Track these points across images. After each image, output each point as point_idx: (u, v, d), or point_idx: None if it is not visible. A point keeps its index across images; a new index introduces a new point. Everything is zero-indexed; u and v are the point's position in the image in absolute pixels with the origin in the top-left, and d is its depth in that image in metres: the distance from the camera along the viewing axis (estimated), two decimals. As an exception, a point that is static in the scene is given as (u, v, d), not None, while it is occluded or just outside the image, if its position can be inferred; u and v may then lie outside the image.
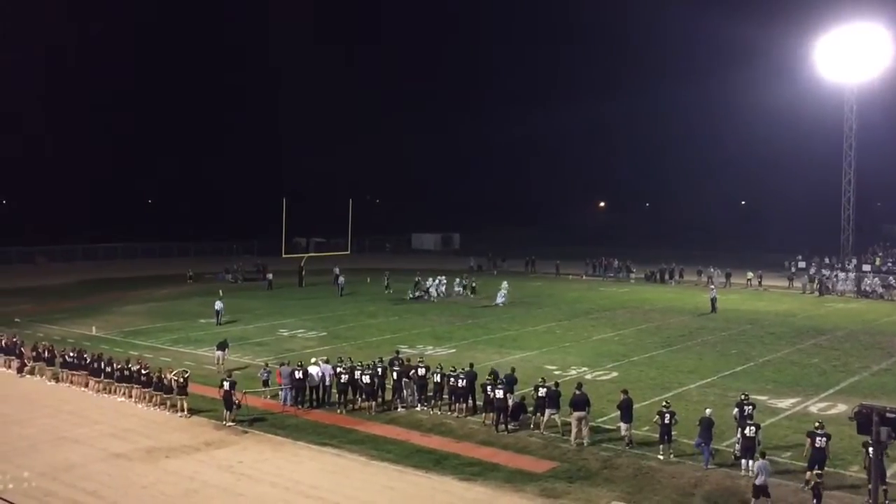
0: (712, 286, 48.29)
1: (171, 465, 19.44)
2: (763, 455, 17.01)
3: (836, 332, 37.99)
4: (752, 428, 18.50)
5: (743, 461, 18.42)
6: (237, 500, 17.42)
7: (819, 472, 16.54)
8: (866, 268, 60.62)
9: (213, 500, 17.41)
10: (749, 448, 18.22)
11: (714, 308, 43.92)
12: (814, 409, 23.95)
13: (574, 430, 20.64)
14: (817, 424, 18.08)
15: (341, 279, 52.79)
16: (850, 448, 19.43)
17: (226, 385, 22.77)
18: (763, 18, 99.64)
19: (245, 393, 23.49)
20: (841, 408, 23.74)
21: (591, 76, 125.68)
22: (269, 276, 55.85)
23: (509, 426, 21.64)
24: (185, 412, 23.36)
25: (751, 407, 20.30)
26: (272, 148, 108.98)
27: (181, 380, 23.68)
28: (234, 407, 22.56)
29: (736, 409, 20.46)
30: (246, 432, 21.92)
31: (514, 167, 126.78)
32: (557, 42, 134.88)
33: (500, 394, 21.76)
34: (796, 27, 70.15)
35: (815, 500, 15.98)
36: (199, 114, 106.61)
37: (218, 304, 40.70)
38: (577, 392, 21.08)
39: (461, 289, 51.42)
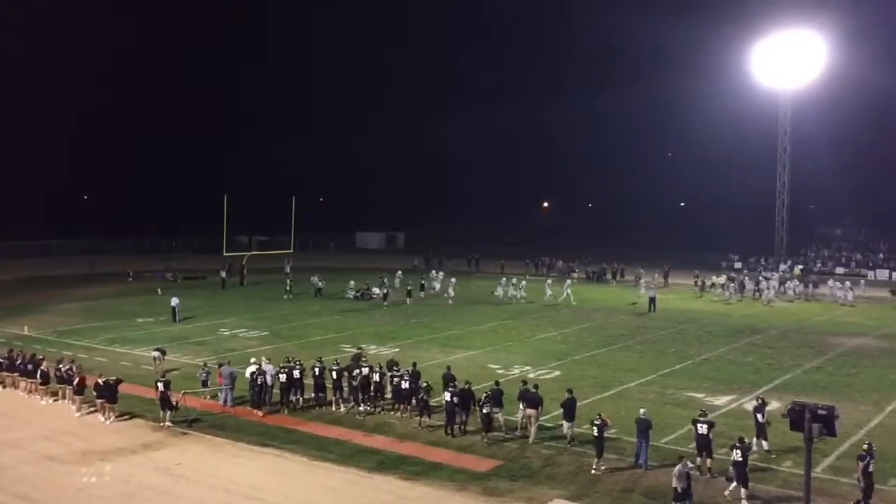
0: (652, 286, 48.83)
1: (107, 468, 18.98)
2: (681, 458, 16.95)
3: (770, 330, 39.00)
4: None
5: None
6: (175, 502, 17.09)
7: (701, 457, 17.06)
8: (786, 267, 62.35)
9: (150, 503, 17.05)
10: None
11: (653, 308, 44.67)
12: (748, 406, 24.45)
13: (527, 427, 21.08)
14: (700, 412, 19.34)
15: (314, 278, 51.31)
16: (784, 444, 19.99)
17: (160, 386, 22.30)
18: (703, 24, 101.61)
19: (184, 393, 23.07)
20: (775, 405, 24.33)
21: (533, 79, 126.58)
22: (223, 273, 54.80)
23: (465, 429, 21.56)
24: (112, 418, 22.65)
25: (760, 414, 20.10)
26: (213, 144, 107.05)
27: (110, 381, 22.95)
28: (173, 408, 22.13)
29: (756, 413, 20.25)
30: (185, 434, 21.53)
31: (461, 167, 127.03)
32: (501, 44, 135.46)
33: (448, 397, 21.74)
34: (735, 33, 71.79)
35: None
36: (136, 109, 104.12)
37: (174, 301, 40.08)
38: (532, 390, 21.51)
39: (377, 289, 48.10)
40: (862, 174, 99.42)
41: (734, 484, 17.06)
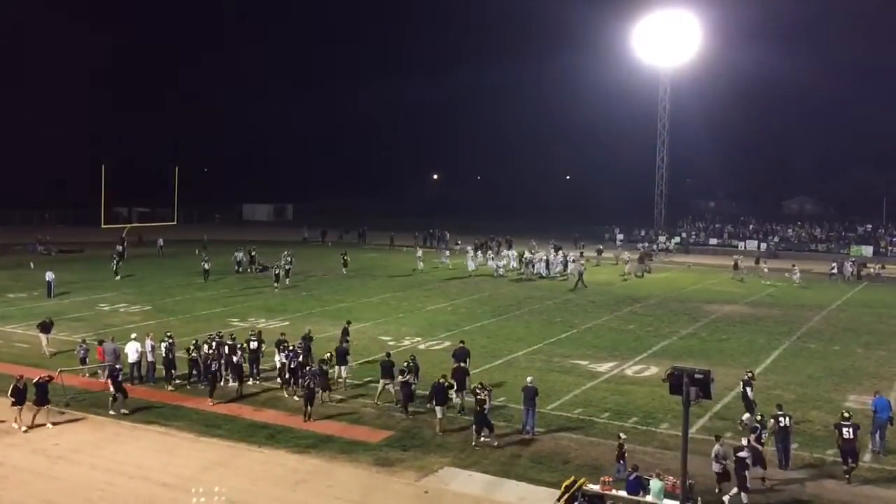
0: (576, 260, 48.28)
1: (-23, 452, 18.01)
2: (717, 438, 17.00)
3: (650, 299, 40.67)
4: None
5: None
6: (52, 484, 16.40)
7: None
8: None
9: (25, 486, 16.29)
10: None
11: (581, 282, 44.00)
12: (629, 371, 25.60)
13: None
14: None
15: (238, 254, 48.59)
16: (661, 407, 21.04)
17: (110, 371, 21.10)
18: (590, 3, 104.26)
19: (61, 371, 22.03)
20: (653, 370, 25.52)
21: (426, 55, 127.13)
22: (119, 247, 51.90)
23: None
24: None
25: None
26: (92, 112, 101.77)
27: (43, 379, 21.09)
28: (124, 394, 20.89)
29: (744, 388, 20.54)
30: (62, 413, 20.62)
31: (353, 140, 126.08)
32: (390, 20, 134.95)
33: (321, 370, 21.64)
34: (618, 11, 73.91)
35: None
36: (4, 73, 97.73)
37: (49, 275, 38.17)
38: (460, 345, 23.98)
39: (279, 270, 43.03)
40: (734, 150, 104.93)
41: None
